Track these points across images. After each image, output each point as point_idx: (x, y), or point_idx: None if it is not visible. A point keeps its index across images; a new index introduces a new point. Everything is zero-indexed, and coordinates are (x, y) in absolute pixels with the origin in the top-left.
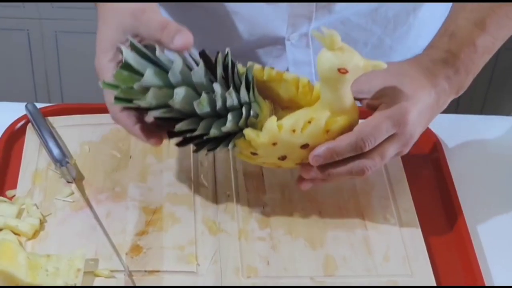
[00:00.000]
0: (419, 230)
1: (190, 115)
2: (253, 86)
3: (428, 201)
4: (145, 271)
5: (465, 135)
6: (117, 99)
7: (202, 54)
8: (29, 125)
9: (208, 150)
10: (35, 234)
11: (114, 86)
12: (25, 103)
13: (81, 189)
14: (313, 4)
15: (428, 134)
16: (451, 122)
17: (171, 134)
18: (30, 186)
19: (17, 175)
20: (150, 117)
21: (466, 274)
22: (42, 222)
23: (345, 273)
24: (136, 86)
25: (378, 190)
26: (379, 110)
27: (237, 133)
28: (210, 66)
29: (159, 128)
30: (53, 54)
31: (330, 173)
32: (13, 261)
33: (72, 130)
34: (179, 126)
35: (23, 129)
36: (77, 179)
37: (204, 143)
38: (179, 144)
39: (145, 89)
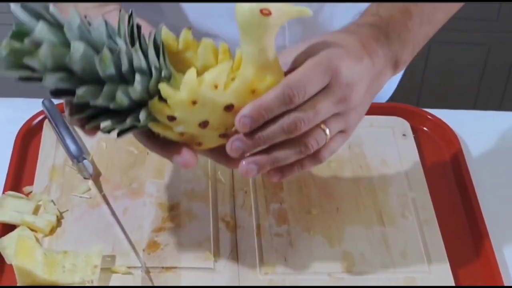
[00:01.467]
0: (437, 227)
1: (93, 82)
2: (163, 51)
3: (446, 198)
4: (162, 267)
5: (483, 131)
6: (8, 66)
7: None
8: (46, 121)
9: (119, 133)
10: (52, 231)
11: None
12: (42, 99)
13: (98, 186)
14: None
15: (446, 130)
16: (469, 118)
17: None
18: (47, 183)
19: (34, 172)
20: (47, 86)
21: (484, 272)
22: (59, 219)
23: (363, 270)
24: (27, 41)
25: (396, 187)
26: (306, 61)
27: (148, 104)
28: (112, 29)
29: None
30: None
31: (260, 137)
32: (30, 258)
33: None
34: (81, 92)
35: (40, 125)
36: (94, 175)
37: (111, 117)
38: (83, 125)
39: (38, 48)
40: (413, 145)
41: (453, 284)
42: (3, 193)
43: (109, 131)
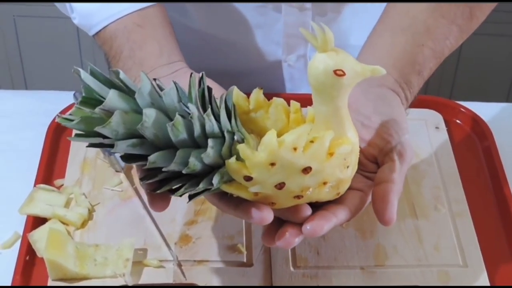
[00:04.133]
0: (470, 220)
1: (165, 147)
2: (235, 115)
3: (479, 191)
4: (194, 260)
5: None
6: (77, 135)
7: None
8: None
9: (191, 196)
10: (83, 224)
11: (71, 120)
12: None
13: (130, 179)
14: (309, 25)
15: (478, 123)
16: (502, 110)
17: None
18: (78, 176)
19: (65, 165)
20: (117, 153)
21: None
22: (90, 212)
23: (395, 263)
24: (98, 110)
25: (429, 180)
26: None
27: (220, 167)
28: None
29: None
30: None
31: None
32: (61, 251)
33: None
34: (153, 158)
35: None
36: (126, 168)
37: (183, 182)
38: (154, 189)
39: (109, 116)
40: (446, 138)
41: (487, 278)
42: (35, 186)
43: (181, 195)
